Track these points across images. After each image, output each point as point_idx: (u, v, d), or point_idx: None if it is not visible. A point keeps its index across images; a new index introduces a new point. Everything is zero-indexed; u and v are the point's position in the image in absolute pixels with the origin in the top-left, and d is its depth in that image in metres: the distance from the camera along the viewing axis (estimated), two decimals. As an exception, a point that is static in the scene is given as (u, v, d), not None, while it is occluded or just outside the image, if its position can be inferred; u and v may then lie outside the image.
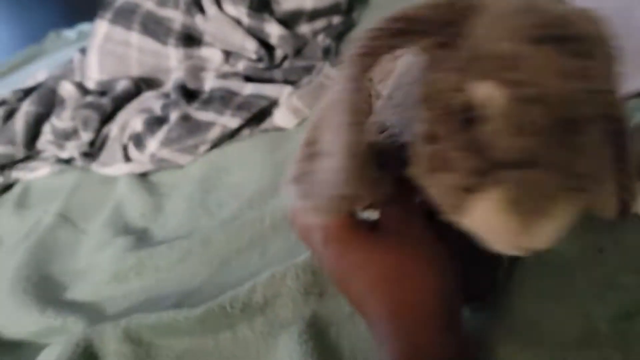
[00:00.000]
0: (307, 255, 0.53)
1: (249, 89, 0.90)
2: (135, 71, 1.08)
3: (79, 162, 0.97)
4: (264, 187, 0.73)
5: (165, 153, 0.87)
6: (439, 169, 0.32)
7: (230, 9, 1.03)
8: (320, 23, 1.04)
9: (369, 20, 1.06)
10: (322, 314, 0.50)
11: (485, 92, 0.30)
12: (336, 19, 1.07)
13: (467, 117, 0.31)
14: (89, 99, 1.05)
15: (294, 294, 0.51)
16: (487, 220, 0.31)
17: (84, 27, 1.64)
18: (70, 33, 1.68)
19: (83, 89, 1.10)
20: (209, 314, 0.51)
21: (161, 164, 0.88)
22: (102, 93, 1.07)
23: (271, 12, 1.03)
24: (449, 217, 0.33)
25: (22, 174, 1.03)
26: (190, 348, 0.53)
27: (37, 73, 1.31)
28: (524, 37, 0.30)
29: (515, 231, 0.30)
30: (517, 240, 0.31)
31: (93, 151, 0.96)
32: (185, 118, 0.88)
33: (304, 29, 1.03)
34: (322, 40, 1.02)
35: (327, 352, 0.46)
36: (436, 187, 0.33)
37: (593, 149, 0.31)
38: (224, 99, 0.89)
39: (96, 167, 0.94)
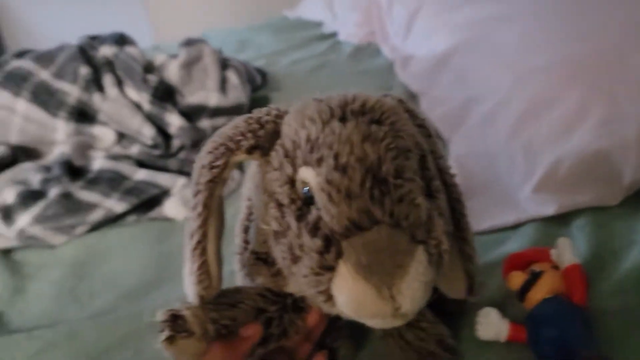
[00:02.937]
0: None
1: (141, 174, 0.89)
2: (15, 138, 1.01)
3: None
4: (145, 279, 0.69)
5: (37, 230, 0.80)
6: (296, 259, 0.34)
7: (132, 93, 1.03)
8: (221, 120, 1.06)
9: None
10: None
11: (303, 177, 0.34)
12: (236, 119, 1.11)
13: (304, 204, 0.34)
14: (-45, 161, 0.95)
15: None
16: (348, 295, 0.31)
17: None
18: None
19: (-51, 150, 1.00)
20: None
21: (29, 242, 0.81)
22: (-29, 157, 0.98)
23: (174, 103, 1.04)
24: (325, 307, 0.34)
25: None
26: None
27: None
28: (315, 120, 0.35)
29: (376, 297, 0.31)
30: (382, 307, 0.31)
31: (-51, 219, 0.86)
32: (66, 196, 0.83)
33: (205, 123, 1.05)
34: (220, 136, 1.04)
35: None
36: (301, 278, 0.34)
37: (414, 200, 0.33)
38: (112, 181, 0.86)
39: (-51, 237, 0.83)
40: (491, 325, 0.48)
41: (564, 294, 0.47)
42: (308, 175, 0.34)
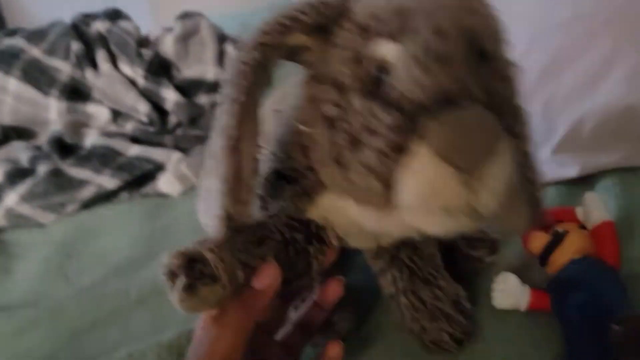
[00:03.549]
0: (174, 334, 0.46)
1: (134, 150, 0.84)
2: (7, 119, 0.97)
3: None
4: (136, 255, 0.65)
5: (25, 209, 0.76)
6: (356, 144, 0.29)
7: (126, 68, 0.98)
8: (219, 95, 1.02)
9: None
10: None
11: (382, 49, 0.29)
12: (236, 95, 1.06)
13: (375, 80, 0.29)
14: (-57, 141, 0.92)
15: (153, 379, 0.44)
16: (423, 179, 0.27)
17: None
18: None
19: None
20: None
21: (18, 221, 0.77)
22: (-39, 137, 0.94)
23: (170, 78, 0.99)
24: (377, 201, 0.30)
25: None
26: None
27: None
28: None
29: (457, 182, 0.26)
30: (464, 198, 0.27)
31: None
32: (56, 173, 0.79)
33: (203, 99, 1.00)
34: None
35: None
36: (358, 168, 0.29)
37: (512, 83, 0.30)
38: (104, 157, 0.82)
39: None
40: (510, 292, 0.43)
41: (593, 255, 0.42)
42: (386, 48, 0.29)
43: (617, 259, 0.41)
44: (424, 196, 0.27)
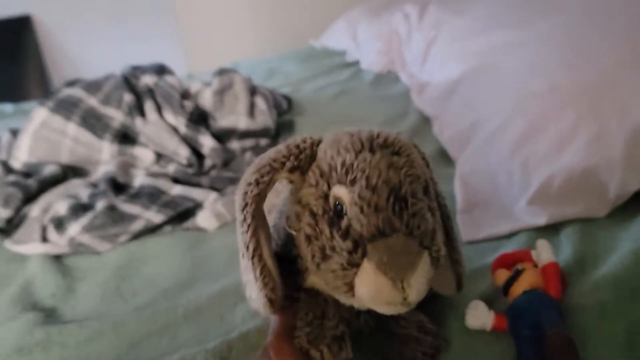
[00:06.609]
0: (217, 343, 0.59)
1: (177, 190, 0.98)
2: (65, 159, 1.13)
3: (-9, 237, 0.97)
4: (180, 280, 0.78)
5: (86, 238, 0.90)
6: (326, 257, 0.43)
7: (170, 117, 1.14)
8: (249, 142, 1.16)
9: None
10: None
11: (338, 193, 0.43)
12: (264, 141, 1.20)
13: (335, 214, 0.43)
14: (13, 178, 1.07)
15: (201, 376, 0.56)
16: (369, 285, 0.40)
17: (24, 105, 1.66)
18: (7, 107, 1.66)
19: (7, 168, 1.13)
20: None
21: (79, 249, 0.91)
22: (27, 175, 1.10)
23: (207, 126, 1.14)
24: (344, 297, 0.44)
25: None
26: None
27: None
28: (349, 149, 0.44)
29: (391, 288, 0.39)
30: (396, 296, 0.40)
31: (9, 228, 0.97)
32: (112, 208, 0.93)
33: (234, 145, 1.15)
34: (249, 157, 1.14)
35: None
36: (329, 273, 0.43)
37: (424, 215, 0.43)
38: (152, 196, 0.96)
39: (9, 244, 0.94)
40: (479, 315, 0.55)
41: (541, 288, 0.54)
42: (341, 192, 0.43)
43: (558, 292, 0.53)
44: (371, 295, 0.41)
